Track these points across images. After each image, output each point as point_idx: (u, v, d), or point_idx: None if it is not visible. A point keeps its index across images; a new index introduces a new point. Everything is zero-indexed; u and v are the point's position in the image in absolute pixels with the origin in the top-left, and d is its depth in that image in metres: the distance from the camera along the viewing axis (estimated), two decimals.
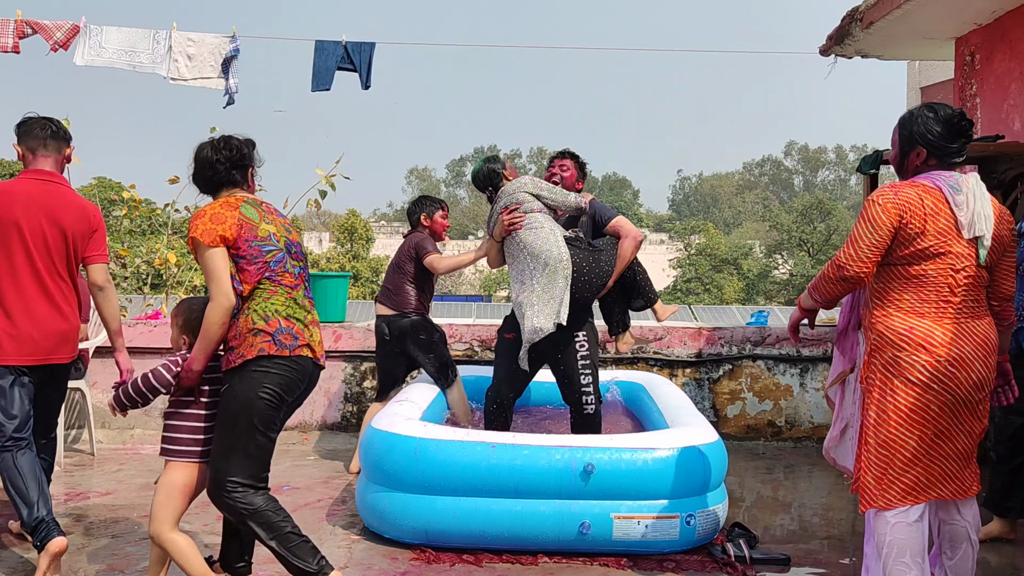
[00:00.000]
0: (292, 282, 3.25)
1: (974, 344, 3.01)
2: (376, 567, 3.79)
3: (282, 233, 3.29)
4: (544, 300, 4.48)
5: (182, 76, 7.73)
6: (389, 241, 52.17)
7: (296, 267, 3.29)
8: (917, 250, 2.98)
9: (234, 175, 3.28)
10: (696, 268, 44.35)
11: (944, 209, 2.99)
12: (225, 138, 3.30)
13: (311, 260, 31.98)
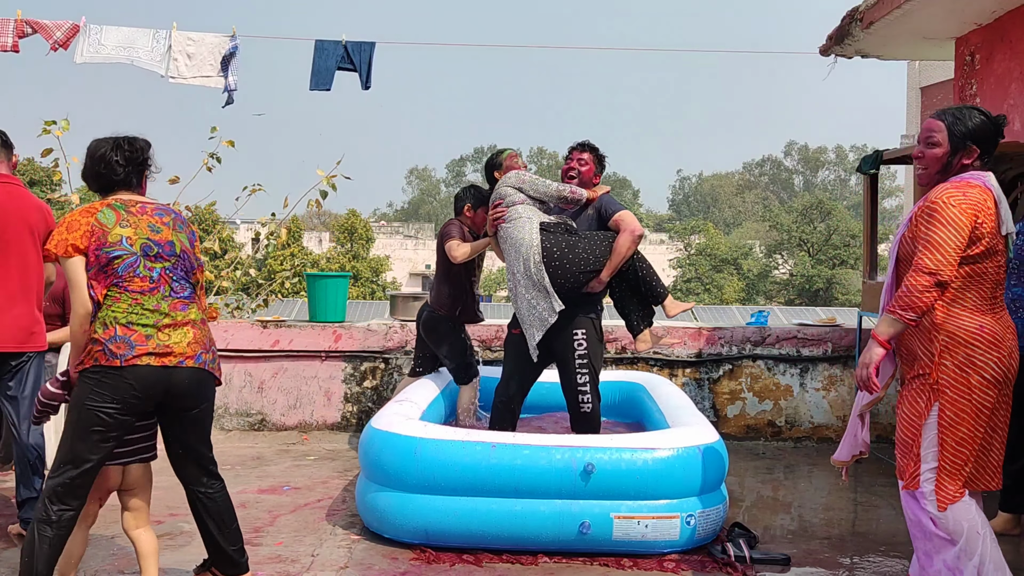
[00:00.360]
0: (143, 287, 3.14)
1: (1015, 337, 3.13)
2: (376, 567, 3.79)
3: (141, 235, 3.16)
4: (535, 289, 4.51)
5: (181, 75, 7.73)
6: (389, 241, 52.19)
7: (155, 269, 3.17)
8: (983, 249, 3.05)
9: (131, 178, 3.26)
10: (696, 268, 44.35)
11: (993, 208, 3.08)
12: (130, 138, 3.27)
13: (311, 260, 31.97)
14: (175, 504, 4.67)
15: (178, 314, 3.20)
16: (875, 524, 4.61)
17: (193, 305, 3.27)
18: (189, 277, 3.28)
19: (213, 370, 3.28)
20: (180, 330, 3.19)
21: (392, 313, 6.97)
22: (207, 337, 3.29)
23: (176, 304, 3.21)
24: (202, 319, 3.30)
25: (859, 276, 29.59)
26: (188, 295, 3.26)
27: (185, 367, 3.17)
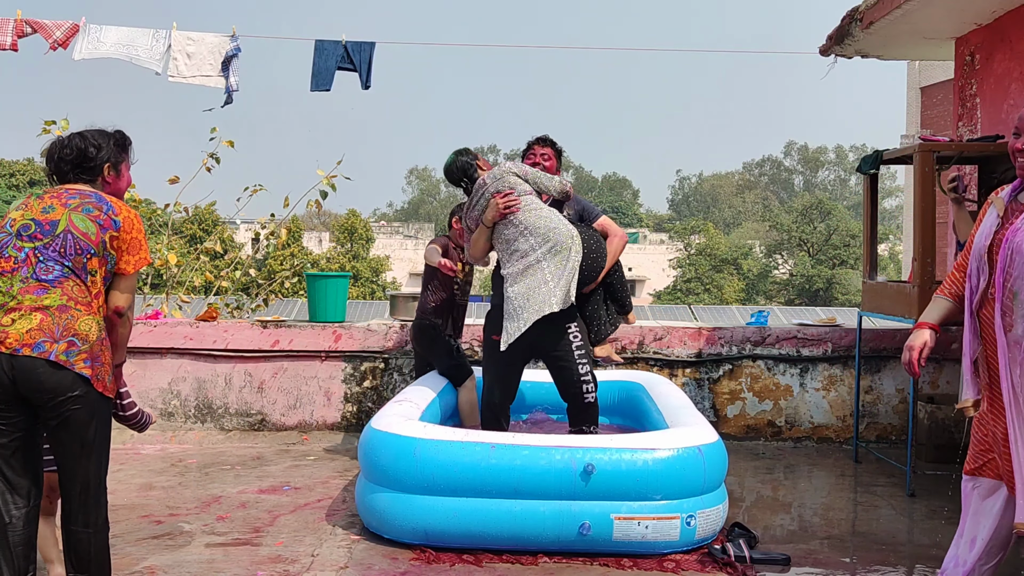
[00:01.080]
0: (6, 267, 2.97)
1: None
2: (376, 567, 3.79)
3: (28, 216, 3.01)
4: (557, 278, 4.50)
5: (181, 74, 7.72)
6: (389, 241, 52.22)
7: (24, 249, 2.96)
8: None
9: (73, 174, 3.14)
10: (696, 268, 44.35)
11: None
12: (75, 135, 3.17)
13: (311, 260, 31.97)
14: (175, 504, 4.68)
15: (28, 297, 2.93)
16: (875, 524, 4.61)
17: (55, 290, 2.95)
18: (67, 259, 2.97)
19: (63, 362, 2.90)
20: (26, 316, 2.92)
21: (392, 313, 6.96)
22: (61, 325, 2.92)
23: (31, 287, 2.94)
24: (61, 306, 2.94)
25: (859, 276, 29.60)
26: (53, 279, 2.96)
27: (21, 355, 2.87)
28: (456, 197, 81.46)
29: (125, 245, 3.07)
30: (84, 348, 2.94)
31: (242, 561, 3.81)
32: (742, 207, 74.55)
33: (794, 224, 46.57)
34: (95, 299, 3.03)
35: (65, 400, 2.92)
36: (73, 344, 2.93)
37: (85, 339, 2.95)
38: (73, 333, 2.93)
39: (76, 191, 3.09)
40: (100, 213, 3.03)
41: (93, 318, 3.00)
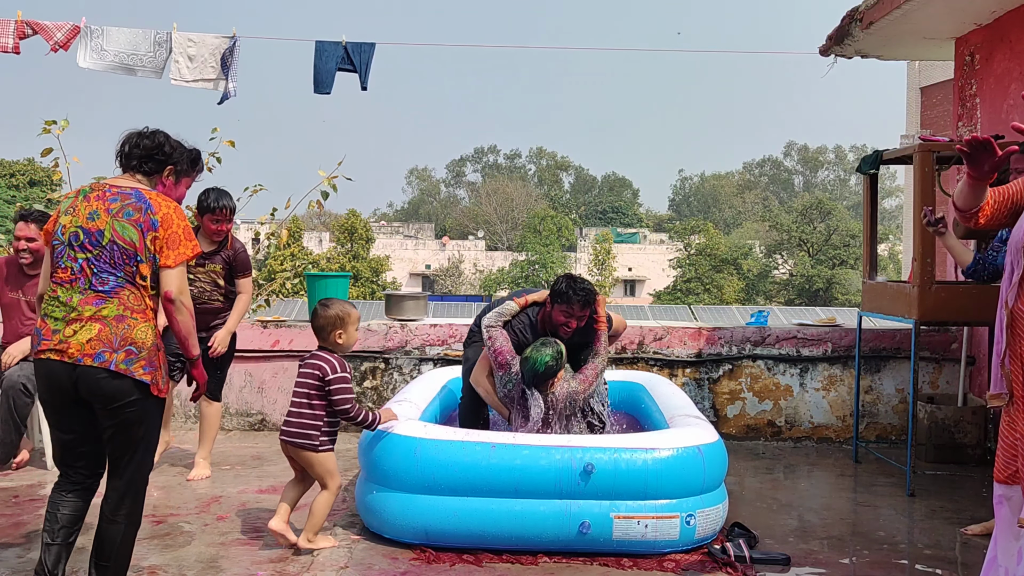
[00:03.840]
0: (64, 277, 3.12)
1: None
2: (376, 567, 3.79)
3: (77, 222, 3.12)
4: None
5: (183, 77, 7.72)
6: (389, 241, 52.21)
7: (80, 259, 3.09)
8: None
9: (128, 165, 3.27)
10: (696, 268, 44.35)
11: None
12: (135, 132, 3.31)
13: (310, 260, 31.97)
14: (175, 504, 4.68)
15: (88, 308, 3.07)
16: (875, 524, 4.61)
17: (112, 300, 3.07)
18: (118, 269, 3.09)
19: (123, 370, 3.04)
20: (86, 325, 3.05)
21: (387, 312, 6.95)
22: (119, 335, 3.05)
23: (90, 298, 3.07)
24: (118, 315, 3.06)
25: (859, 276, 29.59)
26: (109, 289, 3.08)
27: (83, 365, 3.03)
28: (455, 197, 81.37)
29: (165, 242, 3.15)
30: (142, 355, 3.09)
31: (242, 561, 3.81)
32: (742, 207, 74.55)
33: (794, 224, 46.57)
34: (149, 303, 3.17)
35: (123, 405, 3.09)
36: (131, 352, 3.07)
37: (142, 347, 3.09)
38: (131, 342, 3.07)
39: (118, 191, 3.17)
40: (139, 215, 3.12)
41: (148, 324, 3.14)
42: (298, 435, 3.91)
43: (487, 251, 55.55)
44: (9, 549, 3.94)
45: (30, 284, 5.44)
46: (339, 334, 3.97)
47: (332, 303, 4.00)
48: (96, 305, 3.07)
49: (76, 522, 3.26)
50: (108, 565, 3.20)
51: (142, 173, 3.26)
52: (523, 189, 69.26)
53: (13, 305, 5.45)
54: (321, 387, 3.90)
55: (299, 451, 3.92)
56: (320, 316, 3.98)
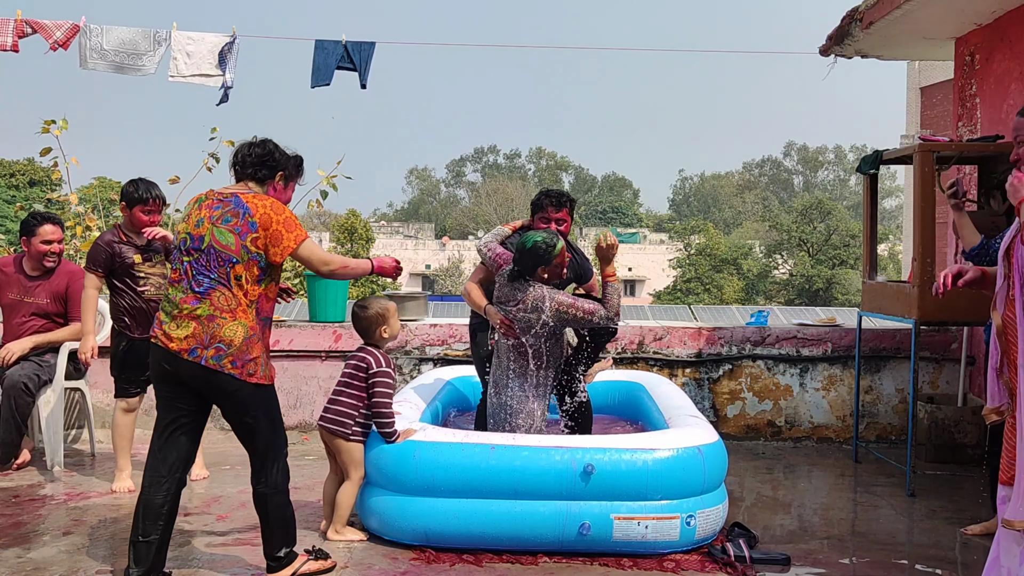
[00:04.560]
0: (174, 277, 3.46)
1: None
2: (376, 567, 3.79)
3: (187, 229, 3.46)
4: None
5: (180, 73, 7.71)
6: (389, 241, 52.21)
7: (185, 261, 3.42)
8: None
9: (242, 173, 3.56)
10: (696, 268, 44.33)
11: None
12: (249, 142, 3.60)
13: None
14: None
15: (186, 307, 3.38)
16: (875, 524, 4.61)
17: (205, 301, 3.36)
18: (212, 271, 3.37)
19: (213, 366, 3.34)
20: (184, 323, 3.37)
21: None
22: (209, 333, 3.34)
23: (189, 298, 3.38)
24: (209, 315, 3.35)
25: (859, 276, 29.56)
26: (203, 290, 3.36)
27: (181, 358, 3.36)
28: (455, 197, 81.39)
29: (268, 240, 3.40)
30: (230, 351, 3.35)
31: (242, 561, 3.81)
32: (742, 207, 74.55)
33: (794, 224, 46.54)
34: (243, 301, 3.39)
35: (222, 395, 3.41)
36: (220, 349, 3.34)
37: (230, 344, 3.35)
38: (219, 340, 3.34)
39: (219, 199, 3.45)
40: (237, 220, 3.39)
41: (239, 322, 3.37)
42: (333, 421, 4.10)
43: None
44: (9, 549, 3.94)
45: (32, 286, 5.44)
46: (384, 329, 4.14)
47: (369, 303, 4.17)
48: (192, 304, 3.37)
49: (161, 515, 3.46)
50: (268, 530, 3.52)
51: (255, 180, 3.54)
52: (523, 189, 69.25)
53: (14, 306, 5.45)
54: (365, 378, 4.06)
55: (333, 437, 4.10)
56: (362, 318, 4.14)
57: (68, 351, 5.47)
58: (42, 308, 5.43)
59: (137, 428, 6.34)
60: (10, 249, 10.07)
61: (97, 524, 4.34)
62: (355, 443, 4.11)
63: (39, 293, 5.43)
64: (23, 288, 5.43)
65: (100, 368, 6.12)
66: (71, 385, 5.68)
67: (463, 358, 6.50)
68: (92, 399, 5.97)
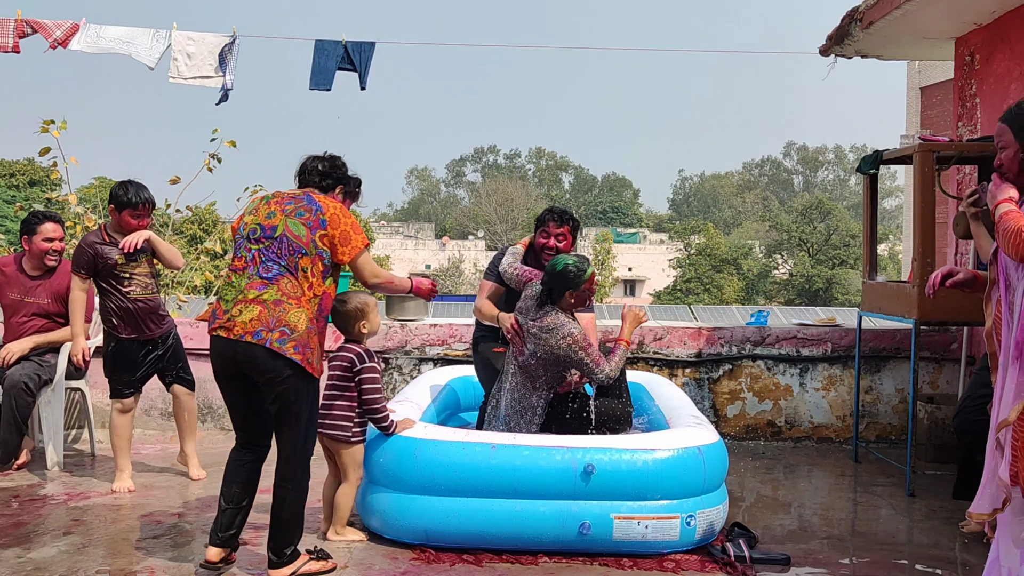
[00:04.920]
0: (239, 265, 3.54)
1: None
2: (376, 567, 3.79)
3: (256, 220, 3.55)
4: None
5: (181, 75, 7.72)
6: (389, 241, 52.25)
7: (252, 250, 3.51)
8: None
9: (309, 180, 3.72)
10: (696, 268, 44.35)
11: None
12: (316, 156, 3.77)
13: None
14: (175, 504, 4.68)
15: (252, 292, 3.45)
16: (875, 524, 4.61)
17: (273, 286, 3.44)
18: (283, 259, 3.46)
19: (277, 348, 3.38)
20: (249, 307, 3.43)
21: (388, 313, 6.95)
22: (275, 317, 3.41)
23: (255, 283, 3.46)
24: (276, 300, 3.43)
25: (859, 276, 29.56)
26: (272, 276, 3.45)
27: (244, 341, 3.40)
28: (455, 197, 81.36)
29: (336, 239, 3.52)
30: (294, 337, 3.41)
31: (242, 561, 3.80)
32: (742, 207, 74.56)
33: (794, 224, 46.57)
34: (307, 292, 3.49)
35: (278, 379, 3.44)
36: (284, 333, 3.41)
37: (295, 329, 3.42)
38: (284, 324, 3.41)
39: (292, 196, 3.59)
40: (309, 215, 3.51)
41: (303, 310, 3.46)
42: (333, 427, 4.08)
43: (487, 251, 55.54)
44: (9, 549, 3.94)
45: (33, 286, 5.43)
46: (363, 324, 4.11)
47: (348, 297, 4.13)
48: (259, 290, 3.45)
49: (248, 486, 3.65)
50: (279, 526, 3.57)
51: (320, 188, 3.68)
52: (523, 189, 69.24)
53: (14, 306, 5.44)
54: (351, 377, 4.04)
55: (334, 443, 4.10)
56: (341, 312, 4.09)
57: (69, 351, 5.47)
58: (43, 308, 5.43)
59: (136, 428, 6.34)
60: (10, 249, 10.06)
61: (97, 524, 4.34)
62: (356, 445, 4.11)
63: (40, 293, 5.42)
64: (24, 288, 5.43)
65: (100, 368, 6.12)
66: (71, 385, 5.68)
67: (463, 358, 6.50)
68: (92, 399, 5.97)
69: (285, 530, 3.57)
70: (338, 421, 4.07)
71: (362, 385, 4.05)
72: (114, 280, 4.87)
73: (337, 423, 4.07)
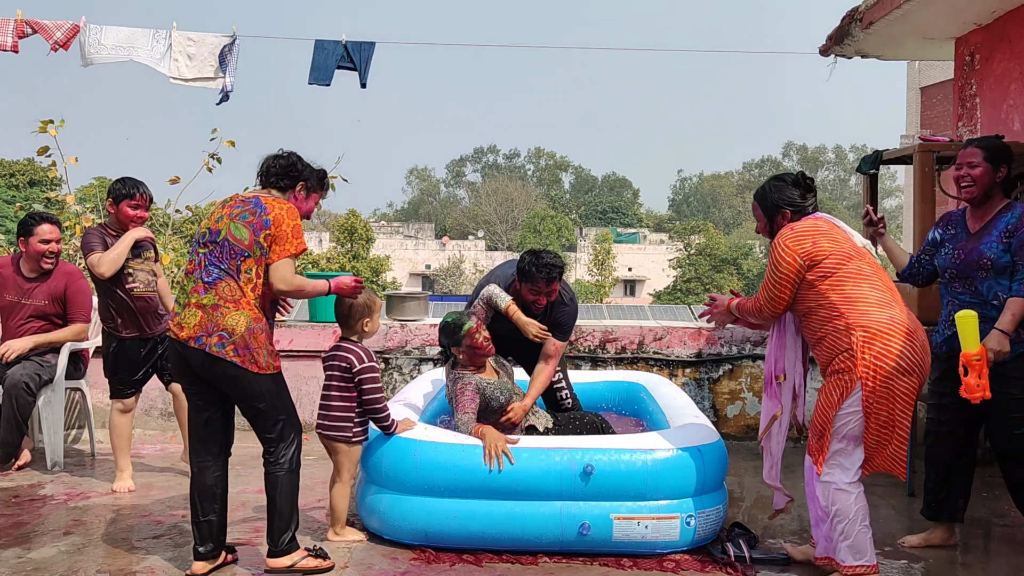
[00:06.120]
0: (189, 268, 3.62)
1: (923, 331, 3.66)
2: (376, 567, 3.78)
3: (207, 225, 3.62)
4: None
5: (182, 75, 7.72)
6: (389, 241, 52.22)
7: (200, 253, 3.58)
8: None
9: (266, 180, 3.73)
10: (696, 268, 44.37)
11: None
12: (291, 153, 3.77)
13: (310, 260, 31.98)
14: (175, 504, 4.68)
15: (195, 296, 3.52)
16: (875, 524, 4.59)
17: (211, 291, 3.49)
18: (223, 263, 3.50)
19: (216, 353, 3.45)
20: (191, 311, 3.51)
21: (388, 313, 6.95)
22: (213, 322, 3.46)
23: (198, 287, 3.52)
24: (215, 304, 3.47)
25: None
26: (211, 280, 3.50)
27: (189, 346, 3.49)
28: (455, 197, 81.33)
29: (274, 239, 3.53)
30: (232, 340, 3.47)
31: (242, 561, 3.80)
32: (742, 207, 74.52)
33: None
34: (249, 294, 3.52)
35: (226, 381, 3.52)
36: (223, 337, 3.46)
37: (232, 332, 3.47)
38: (222, 328, 3.47)
39: (241, 200, 3.63)
40: (253, 217, 3.54)
41: (242, 312, 3.50)
42: (332, 427, 4.07)
43: (487, 251, 55.53)
44: (9, 549, 3.94)
45: (30, 287, 5.42)
46: (365, 322, 4.09)
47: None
48: (200, 294, 3.51)
49: (215, 496, 3.64)
50: (274, 511, 3.62)
51: (277, 189, 3.71)
52: (523, 189, 69.25)
53: (11, 308, 5.43)
54: (350, 378, 4.02)
55: (334, 443, 4.09)
56: (346, 305, 4.05)
57: (69, 351, 5.47)
58: (40, 310, 5.41)
59: (136, 428, 6.34)
60: (9, 249, 10.05)
61: (97, 524, 4.34)
62: (357, 445, 4.10)
63: (37, 295, 5.41)
64: (21, 290, 5.41)
65: (100, 368, 6.12)
66: (71, 385, 5.68)
67: None
68: (92, 399, 5.96)
69: (281, 516, 3.62)
70: (338, 422, 4.07)
71: (362, 386, 4.03)
72: (117, 275, 4.86)
73: (337, 423, 4.07)
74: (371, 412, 4.07)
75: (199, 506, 3.62)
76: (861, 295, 3.56)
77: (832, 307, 3.58)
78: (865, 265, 3.64)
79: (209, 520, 3.62)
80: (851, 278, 3.58)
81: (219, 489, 3.67)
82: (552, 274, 4.43)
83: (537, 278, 4.42)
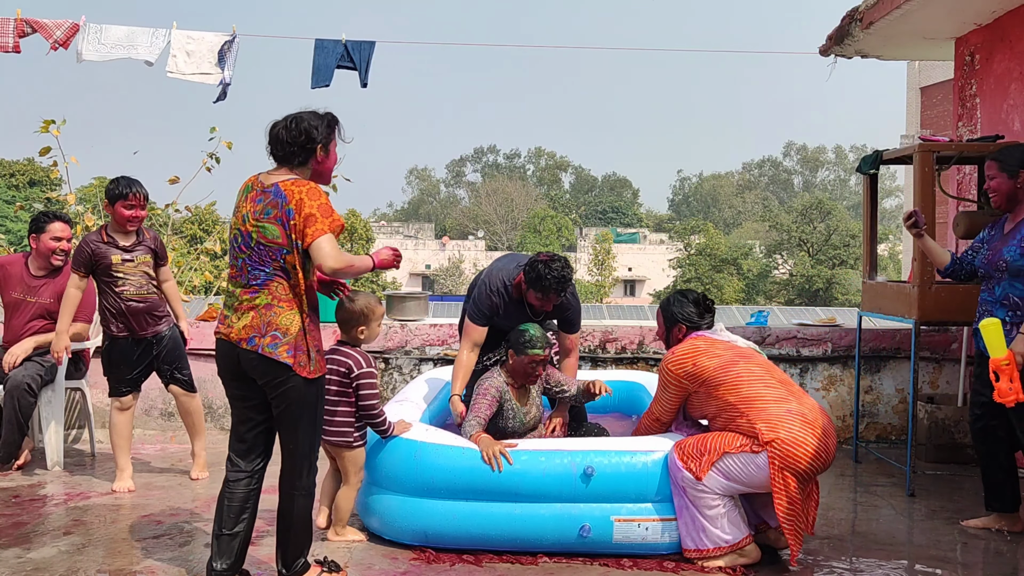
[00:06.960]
0: (232, 274, 3.48)
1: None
2: (376, 567, 3.78)
3: (235, 225, 3.45)
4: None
5: (180, 70, 7.70)
6: (389, 241, 52.22)
7: (240, 259, 3.42)
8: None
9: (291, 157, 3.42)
10: (696, 268, 44.35)
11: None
12: (298, 117, 3.42)
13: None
14: (175, 504, 4.68)
15: (244, 299, 3.39)
16: (875, 524, 4.61)
17: (263, 292, 3.35)
18: (267, 265, 3.35)
19: (268, 354, 3.31)
20: (244, 314, 3.38)
21: (389, 313, 6.95)
22: (266, 321, 3.33)
23: (247, 291, 3.39)
24: (267, 304, 3.34)
25: (859, 276, 29.56)
26: (260, 282, 3.36)
27: (241, 348, 3.37)
28: (455, 197, 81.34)
29: (303, 224, 3.29)
30: (286, 340, 3.34)
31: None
32: (742, 207, 74.57)
33: (794, 224, 46.55)
34: (302, 292, 3.38)
35: (274, 383, 3.36)
36: (276, 337, 3.34)
37: (286, 332, 3.34)
38: (275, 327, 3.34)
39: (261, 190, 3.38)
40: (277, 211, 3.32)
41: (294, 311, 3.37)
42: (333, 432, 4.02)
43: (487, 251, 55.54)
44: (9, 549, 3.94)
45: (37, 285, 5.42)
46: (361, 330, 4.05)
47: (357, 296, 4.04)
48: (251, 296, 3.38)
49: (244, 510, 3.48)
50: (289, 536, 3.46)
51: (298, 166, 3.43)
52: (523, 189, 69.27)
53: (16, 305, 5.44)
54: (348, 383, 3.98)
55: (336, 448, 4.05)
56: (346, 309, 4.01)
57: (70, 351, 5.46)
58: (45, 308, 5.42)
59: (136, 428, 6.34)
60: (10, 249, 10.06)
61: (97, 524, 4.34)
62: (358, 449, 4.09)
63: (44, 293, 5.41)
64: (27, 287, 5.42)
65: (100, 368, 6.12)
66: (72, 385, 5.68)
67: None
68: (92, 399, 5.97)
69: (296, 540, 3.47)
70: (340, 428, 4.04)
71: (360, 391, 4.00)
72: (108, 279, 4.90)
73: (337, 428, 4.04)
74: (368, 418, 4.06)
75: (224, 518, 3.44)
76: (757, 394, 3.79)
77: (732, 408, 3.81)
78: (755, 367, 3.90)
79: (232, 534, 3.44)
80: (744, 380, 3.84)
81: (250, 503, 3.50)
82: (564, 286, 4.50)
83: (549, 290, 4.48)
